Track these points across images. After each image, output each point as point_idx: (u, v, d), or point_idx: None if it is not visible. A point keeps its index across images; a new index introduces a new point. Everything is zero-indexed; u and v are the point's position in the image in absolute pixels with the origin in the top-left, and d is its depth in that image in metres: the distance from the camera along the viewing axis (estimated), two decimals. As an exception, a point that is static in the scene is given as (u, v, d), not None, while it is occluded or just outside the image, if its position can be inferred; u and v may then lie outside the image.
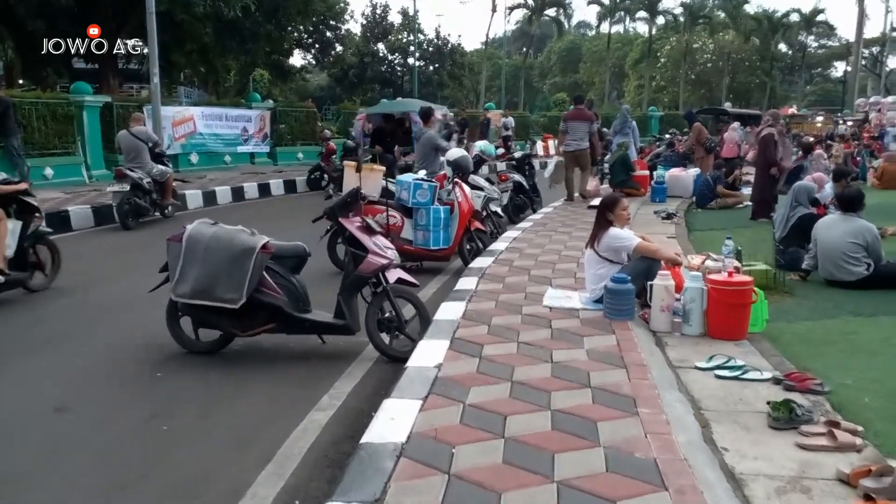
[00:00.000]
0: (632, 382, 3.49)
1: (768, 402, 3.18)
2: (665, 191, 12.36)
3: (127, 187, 10.08)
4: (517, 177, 11.53)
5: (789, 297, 5.95)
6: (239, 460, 3.28)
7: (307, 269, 5.01)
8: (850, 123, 29.30)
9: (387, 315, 4.75)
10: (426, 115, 9.16)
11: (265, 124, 19.25)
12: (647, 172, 13.33)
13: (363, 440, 2.84)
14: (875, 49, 53.93)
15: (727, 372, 3.77)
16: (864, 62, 48.38)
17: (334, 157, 15.49)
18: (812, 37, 56.70)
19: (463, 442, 2.80)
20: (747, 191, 12.47)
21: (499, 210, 9.18)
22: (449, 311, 4.88)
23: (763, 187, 10.77)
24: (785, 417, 3.00)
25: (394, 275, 4.72)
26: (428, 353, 3.95)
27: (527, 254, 7.16)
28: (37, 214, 6.56)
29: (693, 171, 13.44)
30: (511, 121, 24.48)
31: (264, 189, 15.05)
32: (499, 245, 7.67)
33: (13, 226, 6.21)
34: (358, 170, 5.42)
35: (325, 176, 14.95)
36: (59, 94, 14.92)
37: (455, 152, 7.99)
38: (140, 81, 29.58)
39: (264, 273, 4.58)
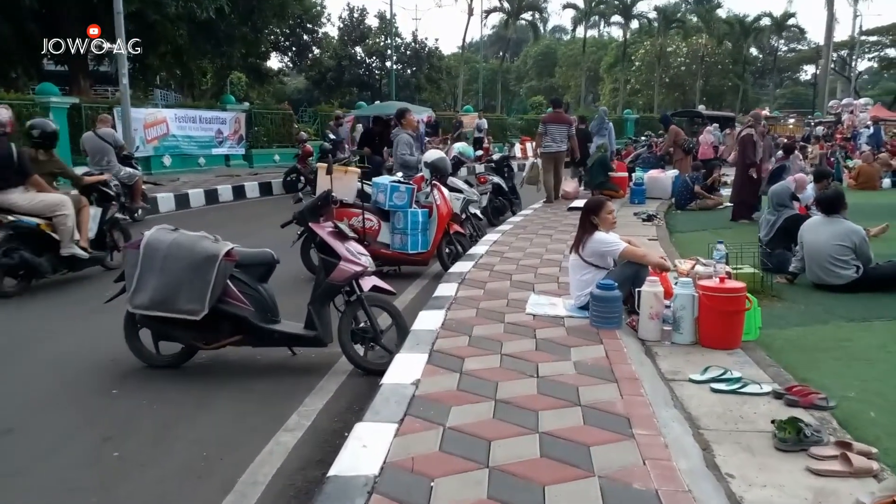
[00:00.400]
0: (624, 399, 3.24)
1: (773, 421, 2.95)
2: (644, 192, 12.22)
3: (92, 190, 9.68)
4: (496, 179, 11.31)
5: (778, 301, 5.77)
6: (196, 490, 2.97)
7: (278, 277, 4.72)
8: (821, 125, 29.59)
9: (361, 325, 4.47)
10: (400, 115, 8.86)
11: (240, 126, 18.86)
12: (626, 174, 13.19)
13: (331, 472, 2.54)
14: (844, 52, 54.69)
15: (724, 385, 3.54)
16: (832, 65, 48.98)
17: (311, 159, 15.20)
18: (782, 41, 57.35)
19: (443, 473, 2.51)
20: (726, 192, 12.40)
21: (478, 212, 8.93)
22: (427, 321, 4.61)
23: (742, 188, 10.67)
24: (792, 438, 2.76)
25: (368, 282, 4.44)
26: (405, 368, 3.67)
27: (508, 258, 6.91)
28: (113, 203, 7.71)
29: (671, 173, 13.33)
30: (484, 122, 24.02)
31: (239, 191, 14.68)
32: (479, 249, 7.42)
33: (94, 212, 7.16)
34: (328, 172, 5.12)
35: (302, 178, 14.64)
36: (24, 95, 14.41)
37: (432, 154, 7.72)
38: (113, 84, 28.90)
39: (228, 282, 4.28)
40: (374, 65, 42.74)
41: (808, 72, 66.57)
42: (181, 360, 4.51)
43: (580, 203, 11.52)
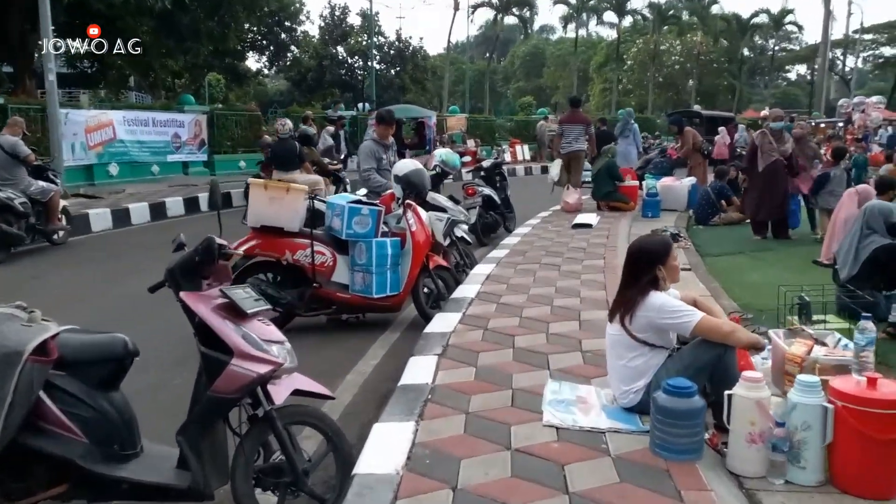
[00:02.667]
0: None
1: None
2: (659, 204, 10.57)
3: (-10, 210, 7.87)
4: (487, 190, 9.56)
5: (888, 369, 4.05)
6: None
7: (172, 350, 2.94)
8: (822, 125, 27.98)
9: (274, 459, 2.70)
10: (379, 117, 6.95)
11: (201, 130, 16.98)
12: (636, 183, 11.51)
13: None
14: (838, 51, 53.33)
15: None
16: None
17: (275, 166, 13.45)
18: (773, 40, 55.99)
19: None
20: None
21: (466, 234, 7.15)
22: (385, 446, 2.83)
23: (771, 200, 8.93)
24: None
25: (283, 389, 2.66)
26: None
27: (506, 305, 5.15)
28: (344, 184, 11.61)
29: (688, 181, 11.64)
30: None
31: (192, 204, 12.82)
32: (468, 289, 5.67)
33: (331, 189, 10.62)
34: (213, 208, 3.15)
35: (264, 189, 12.88)
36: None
37: (406, 164, 5.93)
38: (69, 85, 26.99)
39: (42, 396, 2.50)
40: (356, 65, 40.83)
41: (797, 71, 65.61)
42: (-21, 514, 2.73)
43: (586, 218, 9.91)
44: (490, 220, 9.55)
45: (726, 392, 2.74)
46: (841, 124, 23.79)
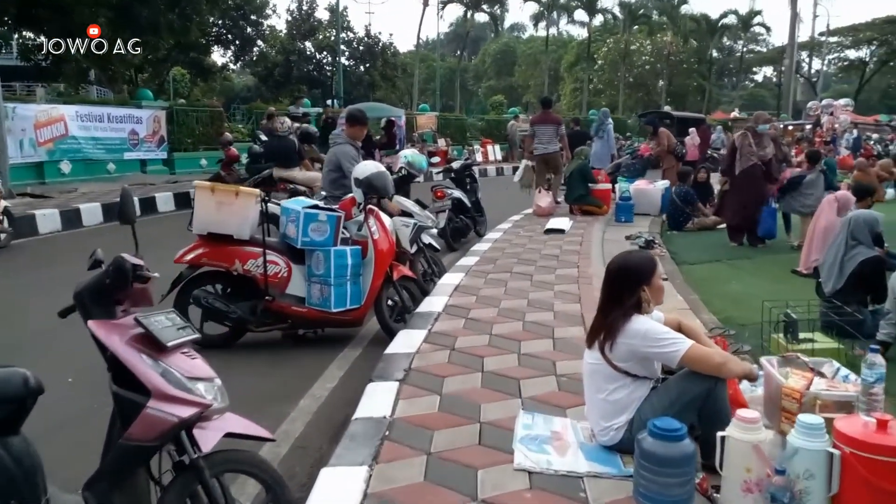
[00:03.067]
0: None
1: None
2: (632, 208, 10.29)
3: (-80, 213, 7.32)
4: (457, 193, 9.19)
5: (886, 397, 3.79)
6: None
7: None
8: (791, 127, 28.20)
9: (204, 512, 2.32)
10: (352, 117, 6.45)
11: (160, 126, 16.37)
12: (609, 186, 11.25)
13: None
14: (804, 53, 54.09)
15: None
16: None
17: (237, 165, 12.95)
18: (742, 41, 56.62)
19: None
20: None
21: (433, 241, 6.78)
22: (333, 497, 2.46)
23: (749, 204, 8.71)
24: None
25: (212, 434, 2.28)
26: None
27: (475, 320, 4.81)
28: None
29: (662, 184, 11.42)
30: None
31: (148, 204, 12.26)
32: (434, 302, 5.31)
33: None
34: (126, 221, 2.74)
35: (225, 189, 12.41)
36: None
37: (367, 167, 5.53)
38: (27, 78, 26.02)
39: (-81, 449, 2.09)
40: (324, 61, 40.16)
41: (764, 73, 66.55)
42: None
43: (558, 223, 9.61)
44: (460, 224, 9.18)
45: (719, 434, 2.43)
46: (809, 126, 23.91)
